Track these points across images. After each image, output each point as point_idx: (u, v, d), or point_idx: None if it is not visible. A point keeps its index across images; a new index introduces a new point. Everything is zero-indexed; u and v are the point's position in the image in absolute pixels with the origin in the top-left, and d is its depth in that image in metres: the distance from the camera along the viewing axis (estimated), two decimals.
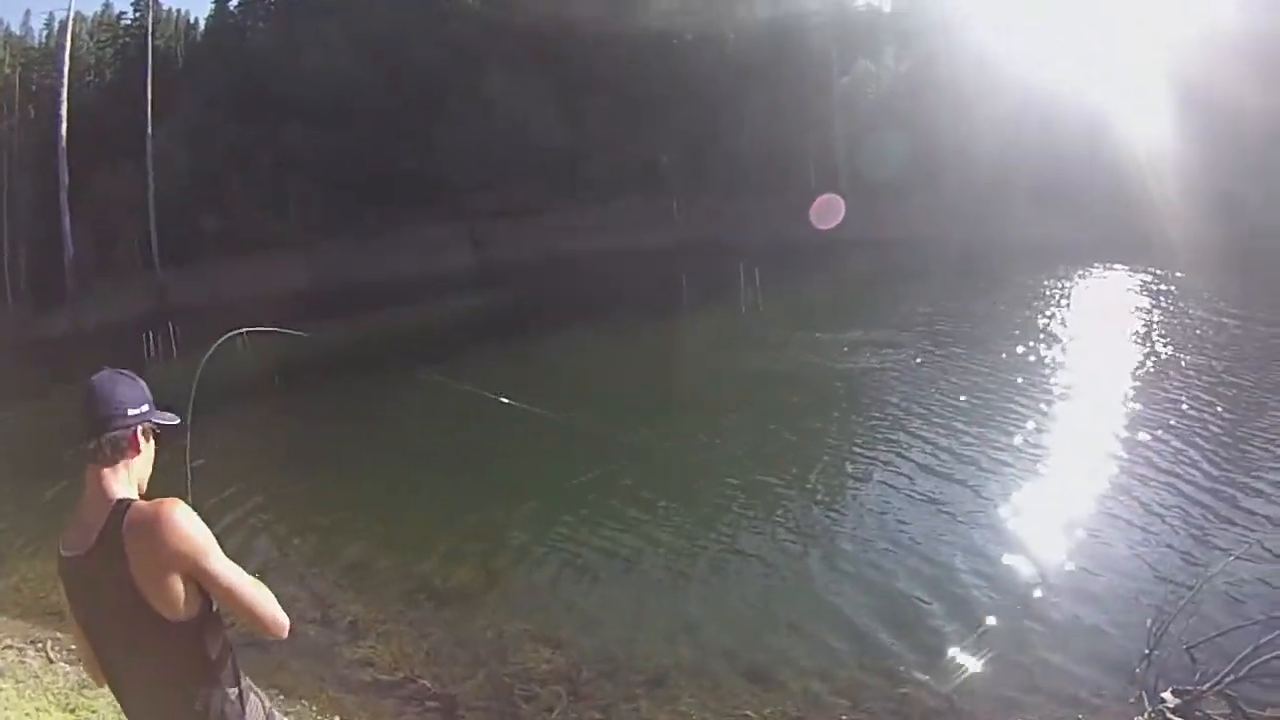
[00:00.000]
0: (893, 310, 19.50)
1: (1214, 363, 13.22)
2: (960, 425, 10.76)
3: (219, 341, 3.15)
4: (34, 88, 45.40)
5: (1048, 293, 21.43)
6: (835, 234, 33.24)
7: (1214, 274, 22.75)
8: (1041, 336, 15.85)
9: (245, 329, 3.68)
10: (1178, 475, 8.59)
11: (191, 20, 55.54)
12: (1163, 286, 22.80)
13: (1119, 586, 6.52)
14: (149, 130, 39.49)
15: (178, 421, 2.32)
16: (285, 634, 2.19)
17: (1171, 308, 19.11)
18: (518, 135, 36.54)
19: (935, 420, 11.12)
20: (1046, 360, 14.13)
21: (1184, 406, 10.93)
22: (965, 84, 35.03)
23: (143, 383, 2.22)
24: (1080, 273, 25.48)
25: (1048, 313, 18.45)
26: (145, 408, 2.17)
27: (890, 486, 9.12)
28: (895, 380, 13.78)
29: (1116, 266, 26.98)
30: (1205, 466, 8.80)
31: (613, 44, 37.17)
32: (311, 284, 32.08)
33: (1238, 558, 6.22)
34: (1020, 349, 14.78)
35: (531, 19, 37.77)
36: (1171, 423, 10.27)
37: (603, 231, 34.93)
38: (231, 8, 47.84)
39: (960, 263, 26.44)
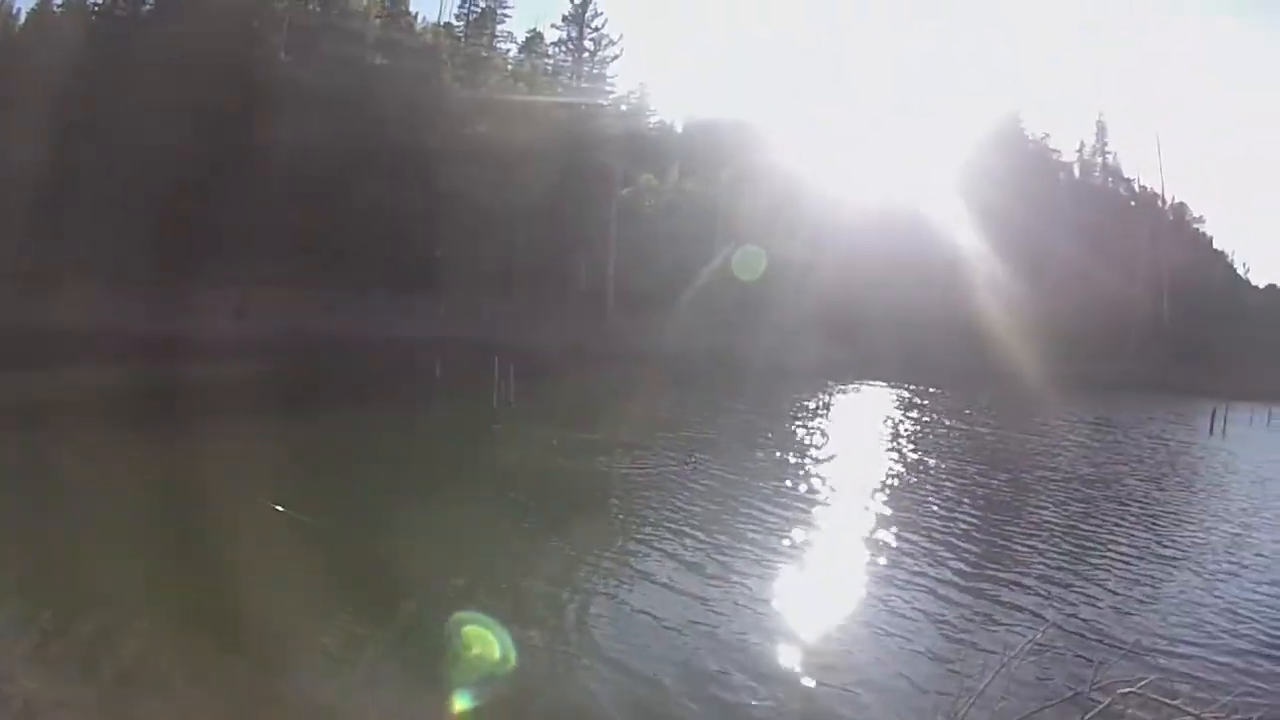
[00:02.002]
0: (649, 415, 18.46)
1: (967, 465, 13.66)
2: (715, 529, 9.51)
3: None
4: None
5: (811, 404, 22.14)
6: (597, 338, 33.26)
7: (968, 388, 25.67)
8: (802, 445, 15.78)
9: None
10: (937, 577, 8.19)
11: (13, 10, 46.41)
12: (920, 400, 25.10)
13: (882, 695, 5.61)
14: None
15: None
16: None
17: (928, 419, 20.49)
18: (296, 213, 33.50)
19: (690, 525, 9.71)
20: (807, 467, 13.67)
21: (940, 508, 11.04)
22: (744, 206, 37.86)
23: None
24: (842, 388, 27.17)
25: (810, 423, 18.90)
26: None
27: (640, 591, 7.55)
28: (645, 483, 12.17)
29: (877, 383, 29.74)
30: (960, 565, 8.56)
31: (406, 128, 36.89)
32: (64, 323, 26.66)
33: (1004, 664, 5.46)
34: (782, 455, 14.41)
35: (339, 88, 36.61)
36: (931, 524, 10.14)
37: (370, 317, 33.25)
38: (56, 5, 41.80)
39: (721, 374, 27.33)
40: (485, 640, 5.99)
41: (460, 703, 5.20)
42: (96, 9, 42.30)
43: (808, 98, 54.77)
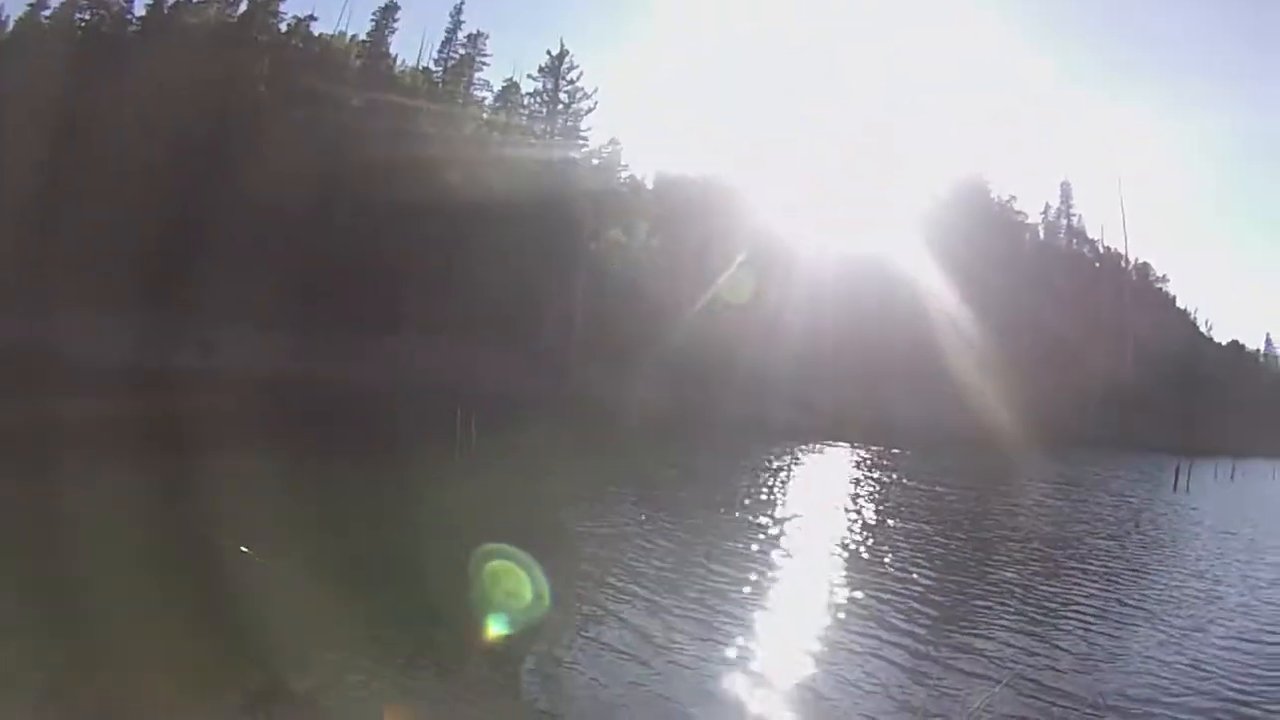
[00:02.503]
0: (610, 468, 18.22)
1: (926, 526, 13.39)
2: (678, 587, 9.03)
3: None
4: None
5: (775, 464, 21.75)
6: (560, 389, 32.98)
7: (930, 450, 25.53)
8: (764, 504, 15.23)
9: None
10: (891, 640, 7.79)
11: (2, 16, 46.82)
12: (883, 461, 24.85)
13: None
14: None
15: None
16: None
17: (890, 479, 20.27)
18: (266, 247, 32.93)
19: (649, 583, 9.19)
20: (767, 527, 13.05)
21: (898, 569, 10.68)
22: (712, 264, 38.05)
23: None
24: (805, 448, 26.79)
25: (773, 483, 18.40)
26: None
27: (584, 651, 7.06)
28: (599, 538, 11.56)
29: (839, 444, 29.27)
30: (915, 628, 8.18)
31: (380, 170, 36.69)
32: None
33: None
34: (743, 515, 13.82)
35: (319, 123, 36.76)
36: (888, 584, 9.78)
37: (335, 358, 32.38)
38: (43, 17, 41.69)
39: (685, 430, 27.08)
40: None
41: None
42: (83, 25, 42.44)
43: (777, 152, 55.37)
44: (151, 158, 32.60)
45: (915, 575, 10.35)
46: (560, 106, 44.95)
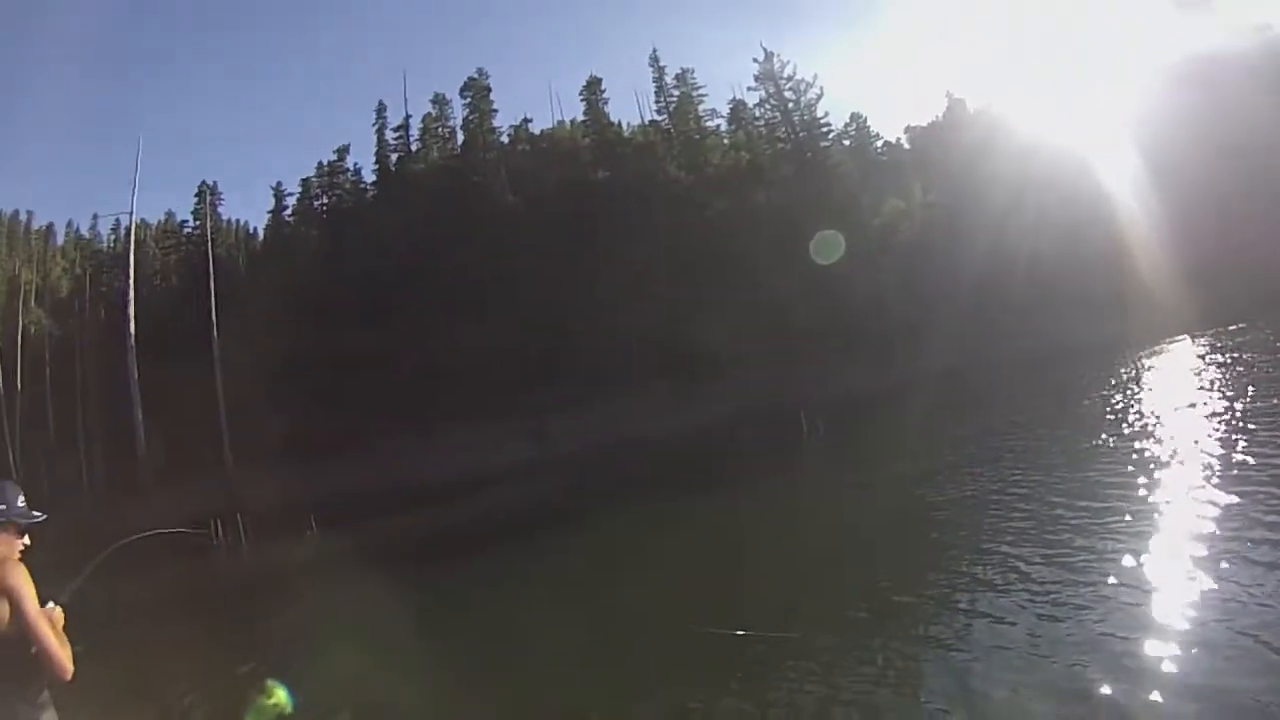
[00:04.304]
0: (953, 435, 17.56)
1: None
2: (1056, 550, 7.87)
3: (109, 549, 3.96)
4: (103, 288, 48.35)
5: (1115, 386, 19.98)
6: (890, 374, 33.05)
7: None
8: (1123, 434, 13.18)
9: (146, 532, 4.52)
10: None
11: (250, 230, 59.68)
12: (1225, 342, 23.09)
13: None
14: (214, 333, 40.57)
15: (41, 518, 3.36)
16: (67, 676, 3.10)
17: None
18: (567, 326, 36.84)
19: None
20: (1135, 459, 11.01)
21: None
22: (991, 204, 36.44)
23: (11, 490, 3.33)
24: (1141, 355, 25.45)
25: (1124, 407, 16.22)
26: (2, 507, 3.25)
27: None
28: (999, 501, 10.60)
29: (1177, 339, 27.54)
30: None
31: (641, 228, 38.65)
32: (371, 483, 31.23)
33: None
34: (1120, 439, 12.49)
35: (561, 214, 39.92)
36: None
37: (665, 412, 33.74)
38: (286, 217, 50.92)
39: (1016, 376, 26.26)
40: None
41: None
42: (325, 209, 49.88)
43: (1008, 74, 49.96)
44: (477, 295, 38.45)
45: None
46: (791, 105, 44.86)
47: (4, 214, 57.32)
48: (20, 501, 3.35)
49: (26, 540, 3.37)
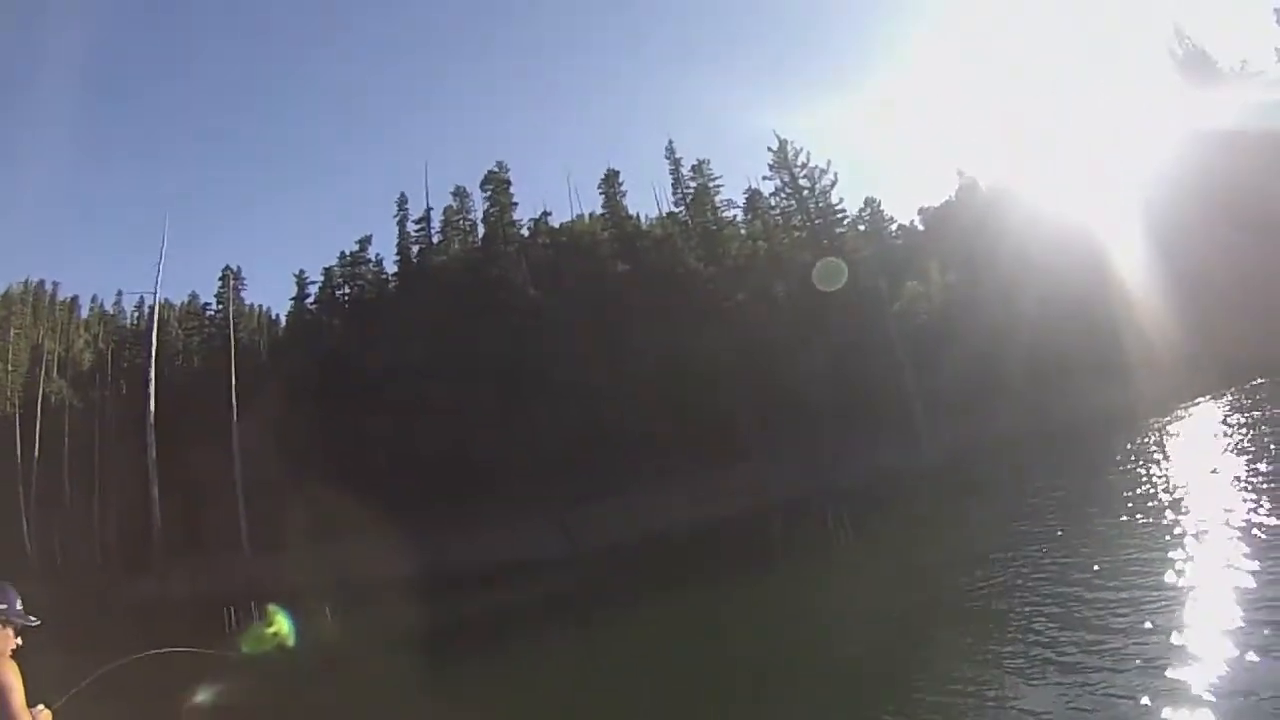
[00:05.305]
0: (981, 521, 17.85)
1: None
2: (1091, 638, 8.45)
3: (114, 663, 4.19)
4: (125, 364, 48.97)
5: (1142, 452, 20.46)
6: (915, 455, 33.04)
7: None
8: (1152, 506, 13.81)
9: (163, 649, 4.69)
10: None
11: (272, 316, 60.49)
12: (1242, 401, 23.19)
13: None
14: (234, 416, 40.62)
15: (36, 623, 3.64)
16: None
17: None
18: (589, 418, 36.59)
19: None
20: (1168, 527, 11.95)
21: None
22: (1007, 280, 36.60)
23: (11, 592, 3.62)
24: (1161, 420, 25.92)
25: (1153, 476, 16.94)
26: (4, 606, 3.54)
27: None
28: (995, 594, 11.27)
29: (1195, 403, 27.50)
30: None
31: (662, 320, 38.99)
32: (394, 570, 29.72)
33: None
34: (1131, 520, 12.95)
35: (589, 303, 40.40)
36: None
37: (690, 504, 33.20)
38: (308, 304, 51.33)
39: (1045, 453, 25.98)
40: None
41: None
42: (347, 299, 50.23)
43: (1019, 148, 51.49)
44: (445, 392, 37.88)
45: None
46: (805, 193, 45.89)
47: (31, 282, 58.34)
48: (19, 604, 3.64)
49: (20, 640, 3.61)
